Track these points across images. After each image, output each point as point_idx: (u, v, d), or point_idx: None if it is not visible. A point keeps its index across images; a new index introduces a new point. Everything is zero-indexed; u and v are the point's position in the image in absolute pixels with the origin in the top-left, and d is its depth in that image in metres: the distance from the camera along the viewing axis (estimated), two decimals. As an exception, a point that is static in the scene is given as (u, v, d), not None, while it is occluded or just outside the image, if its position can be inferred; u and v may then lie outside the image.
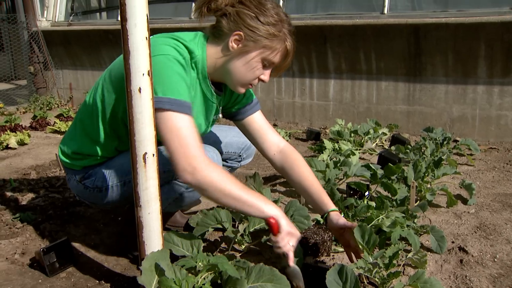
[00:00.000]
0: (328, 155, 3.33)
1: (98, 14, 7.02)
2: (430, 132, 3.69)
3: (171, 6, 5.82)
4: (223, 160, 2.24)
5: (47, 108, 6.12)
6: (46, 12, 6.70)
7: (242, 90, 1.80)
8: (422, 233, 2.16)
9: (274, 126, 4.90)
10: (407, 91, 4.36)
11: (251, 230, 2.03)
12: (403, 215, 2.13)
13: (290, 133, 4.51)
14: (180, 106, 1.57)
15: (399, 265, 1.91)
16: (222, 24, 1.71)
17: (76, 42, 6.24)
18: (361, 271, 1.66)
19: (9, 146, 4.10)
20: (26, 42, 6.56)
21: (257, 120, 2.01)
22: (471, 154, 3.66)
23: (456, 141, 3.90)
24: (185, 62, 1.66)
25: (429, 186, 2.70)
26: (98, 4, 7.14)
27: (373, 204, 2.31)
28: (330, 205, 1.88)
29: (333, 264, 1.95)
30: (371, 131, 3.95)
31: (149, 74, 1.41)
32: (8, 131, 4.38)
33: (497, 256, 2.01)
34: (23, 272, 1.95)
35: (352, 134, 3.97)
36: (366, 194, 2.46)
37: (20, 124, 4.84)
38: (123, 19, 1.35)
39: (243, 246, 2.09)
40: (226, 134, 2.27)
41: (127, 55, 1.38)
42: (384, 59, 4.33)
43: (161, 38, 1.69)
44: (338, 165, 2.86)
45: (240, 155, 2.30)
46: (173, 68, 1.60)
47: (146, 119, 1.44)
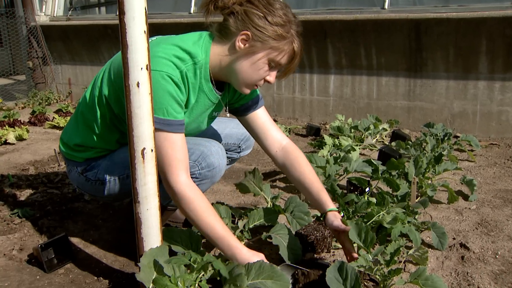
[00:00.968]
0: (328, 151, 3.32)
1: (97, 9, 6.97)
2: (431, 127, 3.67)
3: (171, 1, 5.78)
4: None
5: (46, 103, 6.09)
6: (44, 6, 6.66)
7: (247, 91, 1.78)
8: (423, 229, 2.15)
9: (274, 121, 4.87)
10: (408, 87, 4.34)
11: (251, 226, 2.01)
12: (404, 211, 2.12)
13: (290, 128, 4.50)
14: (169, 126, 1.60)
15: (400, 261, 1.90)
16: (229, 22, 1.68)
17: (75, 37, 6.21)
18: (361, 269, 1.65)
19: (7, 141, 4.08)
20: (25, 37, 6.53)
21: (260, 116, 2.00)
22: (472, 150, 3.64)
23: (456, 137, 3.89)
24: (181, 77, 1.64)
25: (430, 182, 2.69)
26: (97, -2, 7.10)
27: (373, 200, 2.29)
28: (328, 204, 1.86)
29: (333, 260, 1.93)
30: (372, 127, 3.93)
31: (147, 68, 1.39)
32: (6, 127, 4.36)
33: (498, 252, 2.00)
34: (21, 268, 1.94)
35: (352, 130, 3.95)
36: (367, 190, 2.44)
37: (18, 119, 4.82)
38: (121, 12, 1.33)
39: (243, 242, 2.07)
40: (225, 126, 2.26)
41: (125, 49, 1.36)
42: (384, 55, 4.31)
43: (161, 47, 1.66)
44: (338, 160, 2.84)
45: (239, 146, 2.30)
46: (165, 87, 1.60)
47: (144, 114, 1.42)
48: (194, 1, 5.44)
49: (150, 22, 1.38)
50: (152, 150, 1.46)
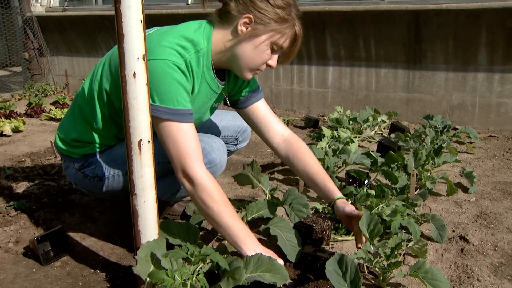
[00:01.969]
0: (327, 143, 3.30)
1: (93, -1, 6.92)
2: (430, 119, 3.65)
3: (168, -8, 5.72)
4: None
5: (43, 95, 6.04)
6: (40, -3, 6.59)
7: (249, 76, 1.77)
8: (422, 221, 2.13)
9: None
10: (407, 79, 4.31)
11: (249, 219, 2.00)
12: (403, 204, 2.11)
13: (288, 120, 4.47)
14: (179, 116, 1.57)
15: (400, 254, 1.88)
16: (230, 6, 1.66)
17: (71, 28, 6.15)
18: (361, 261, 1.63)
19: (3, 133, 4.05)
20: (20, 28, 6.46)
21: (261, 108, 1.98)
22: (471, 142, 3.63)
23: (455, 129, 3.87)
24: (186, 66, 1.62)
25: (429, 174, 2.67)
26: (93, -11, 7.03)
27: (372, 192, 2.28)
28: (336, 192, 1.87)
29: (332, 253, 1.92)
30: (370, 119, 3.91)
31: (144, 59, 1.37)
32: (2, 118, 4.32)
33: (498, 245, 1.99)
34: (17, 261, 1.92)
35: (351, 122, 3.94)
36: (366, 182, 2.43)
37: (15, 111, 4.78)
38: (117, 1, 1.31)
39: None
40: (222, 118, 2.25)
41: (121, 39, 1.34)
42: (383, 46, 4.28)
43: (163, 36, 1.64)
44: (337, 153, 2.82)
45: (236, 138, 2.28)
46: (173, 75, 1.57)
47: (141, 105, 1.40)
48: (191, -9, 5.39)
49: (146, 13, 1.35)
50: (148, 142, 1.44)
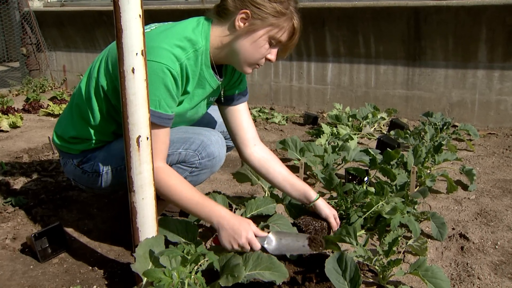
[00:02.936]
0: (326, 140, 3.28)
1: (92, -6, 6.87)
2: (430, 117, 3.64)
3: (167, -13, 5.70)
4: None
5: (40, 90, 6.01)
6: (38, -8, 6.55)
7: (249, 70, 1.77)
8: (422, 219, 2.13)
9: (271, 110, 4.85)
10: (406, 75, 4.30)
11: (248, 216, 1.99)
12: (403, 201, 2.09)
13: (287, 117, 4.46)
14: (156, 118, 1.59)
15: (400, 252, 1.88)
16: (227, 2, 1.66)
17: (69, 23, 6.12)
18: (360, 259, 1.62)
19: (1, 128, 4.02)
20: (18, 23, 6.42)
21: (242, 112, 1.98)
22: (471, 140, 3.62)
23: (455, 126, 3.86)
24: (180, 70, 1.63)
25: (429, 171, 2.66)
26: (91, -16, 6.98)
27: (372, 189, 2.27)
28: (312, 195, 1.92)
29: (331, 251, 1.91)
30: (370, 116, 3.90)
31: (142, 54, 1.35)
32: (0, 114, 4.30)
33: (498, 243, 1.99)
34: (14, 257, 1.91)
35: (350, 119, 3.92)
36: (365, 179, 2.42)
37: (12, 106, 4.75)
38: (115, -5, 1.29)
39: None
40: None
41: (120, 34, 1.32)
42: (383, 43, 4.26)
43: (162, 36, 1.63)
44: (336, 149, 2.81)
45: None
46: (163, 80, 1.58)
47: (139, 101, 1.38)
48: (190, -13, 5.36)
49: (145, 9, 1.34)
50: (147, 138, 1.42)
